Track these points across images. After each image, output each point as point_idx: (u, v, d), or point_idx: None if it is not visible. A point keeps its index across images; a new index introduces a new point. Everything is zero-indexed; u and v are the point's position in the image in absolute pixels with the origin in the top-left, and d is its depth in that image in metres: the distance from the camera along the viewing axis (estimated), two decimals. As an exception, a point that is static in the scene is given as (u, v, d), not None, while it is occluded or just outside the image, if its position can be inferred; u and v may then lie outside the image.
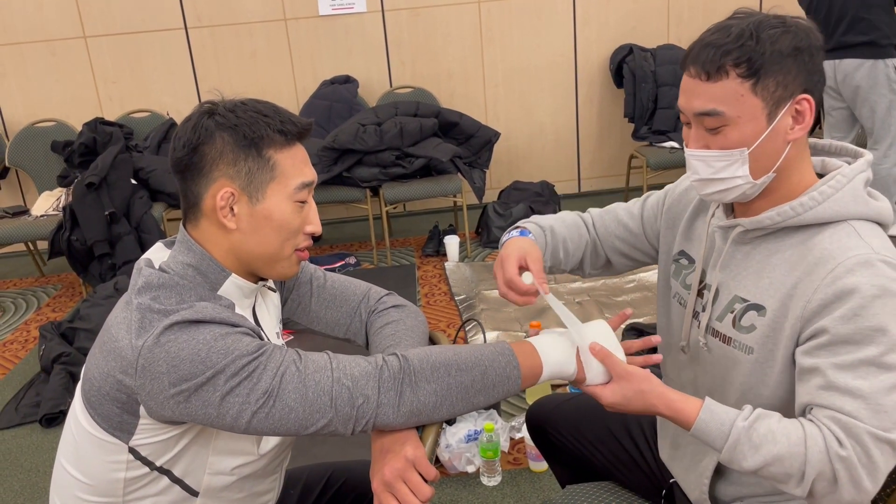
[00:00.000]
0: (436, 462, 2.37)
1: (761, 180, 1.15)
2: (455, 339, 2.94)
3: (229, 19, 4.73)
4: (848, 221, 1.13)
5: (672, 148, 4.47)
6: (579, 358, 1.18)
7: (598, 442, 1.54)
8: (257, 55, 4.80)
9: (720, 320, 1.23)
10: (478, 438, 2.37)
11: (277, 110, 1.13)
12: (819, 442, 1.02)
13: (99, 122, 4.33)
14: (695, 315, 1.30)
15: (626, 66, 4.71)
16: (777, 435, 1.05)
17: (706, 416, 1.09)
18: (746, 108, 1.10)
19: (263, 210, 1.11)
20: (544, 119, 5.08)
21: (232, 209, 1.10)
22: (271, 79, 4.84)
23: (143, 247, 3.85)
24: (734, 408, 1.11)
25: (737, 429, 1.07)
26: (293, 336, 3.19)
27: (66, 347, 3.23)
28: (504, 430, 2.45)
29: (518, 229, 1.43)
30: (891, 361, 1.03)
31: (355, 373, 1.06)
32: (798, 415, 1.10)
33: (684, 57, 1.16)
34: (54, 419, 2.91)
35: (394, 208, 4.65)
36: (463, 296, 3.73)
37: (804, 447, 1.03)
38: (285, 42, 4.79)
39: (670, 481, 1.42)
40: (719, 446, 1.08)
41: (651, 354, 1.25)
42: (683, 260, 1.36)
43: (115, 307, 1.13)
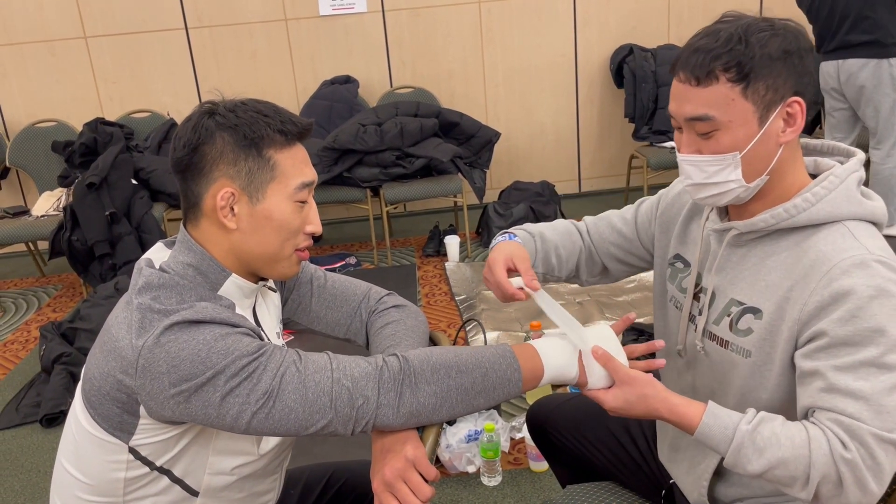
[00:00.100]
0: (436, 462, 2.37)
1: (754, 183, 1.15)
2: (455, 340, 2.94)
3: (230, 19, 4.74)
4: (842, 222, 1.12)
5: (672, 148, 4.47)
6: (581, 361, 1.18)
7: (599, 442, 1.54)
8: (258, 55, 4.80)
9: (717, 324, 1.23)
10: (478, 438, 2.37)
11: (278, 110, 1.13)
12: (823, 444, 1.02)
13: (99, 123, 4.33)
14: (691, 319, 1.30)
15: (627, 67, 4.71)
16: (781, 438, 1.04)
17: (709, 421, 1.09)
18: (737, 113, 1.10)
19: (264, 210, 1.11)
20: (545, 119, 5.08)
21: (232, 209, 1.10)
22: (272, 79, 4.84)
23: (144, 247, 3.85)
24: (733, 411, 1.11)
25: (740, 432, 1.06)
26: (293, 336, 3.19)
27: (67, 347, 3.23)
28: (504, 431, 2.45)
29: (505, 234, 1.44)
30: (890, 362, 1.02)
31: (355, 373, 1.06)
32: (800, 418, 1.09)
33: (674, 62, 1.15)
34: (55, 419, 2.91)
35: (394, 208, 4.65)
36: (463, 296, 3.73)
37: (808, 450, 1.03)
38: (286, 42, 4.79)
39: (670, 482, 1.42)
40: (723, 450, 1.08)
41: (654, 359, 1.25)
42: (679, 263, 1.36)
43: (116, 307, 1.13)
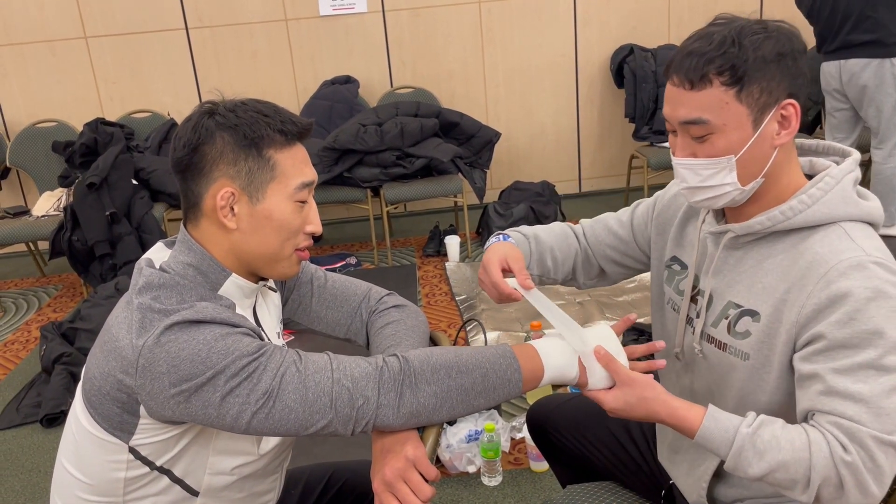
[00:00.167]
0: (436, 462, 2.37)
1: (750, 186, 1.14)
2: (456, 340, 2.94)
3: (230, 20, 4.74)
4: (838, 223, 1.12)
5: (673, 148, 4.47)
6: (581, 362, 1.18)
7: (599, 442, 1.54)
8: (258, 55, 4.80)
9: (715, 326, 1.22)
10: (479, 438, 2.37)
11: (278, 110, 1.13)
12: (823, 448, 1.02)
13: (100, 123, 4.33)
14: (688, 321, 1.29)
15: (627, 67, 4.71)
16: (781, 441, 1.04)
17: (710, 424, 1.09)
18: (732, 116, 1.10)
19: (264, 210, 1.11)
20: (545, 119, 5.08)
21: (232, 209, 1.10)
22: (272, 79, 4.84)
23: (144, 247, 3.85)
24: (733, 414, 1.11)
25: (741, 436, 1.06)
26: (294, 336, 3.19)
27: (67, 347, 3.23)
28: (505, 431, 2.45)
29: (499, 235, 1.44)
30: (889, 363, 1.02)
31: (355, 374, 1.06)
32: (800, 421, 1.09)
33: (667, 65, 1.15)
34: (55, 419, 2.91)
35: (394, 208, 4.65)
36: (464, 296, 3.73)
37: (808, 453, 1.02)
38: (286, 42, 4.79)
39: (669, 483, 1.42)
40: (724, 454, 1.08)
41: (654, 360, 1.25)
42: (676, 266, 1.35)
43: (116, 307, 1.13)
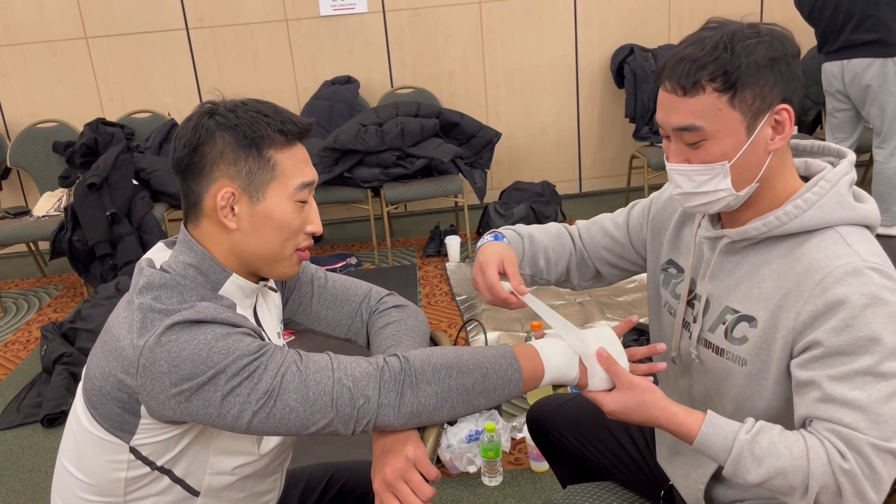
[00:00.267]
0: (437, 462, 2.37)
1: (744, 192, 1.14)
2: (456, 340, 2.94)
3: (230, 20, 4.74)
4: (834, 228, 1.11)
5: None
6: (582, 362, 1.18)
7: (599, 442, 1.54)
8: (258, 56, 4.81)
9: (712, 331, 1.22)
10: (479, 438, 2.37)
11: (278, 110, 1.13)
12: (821, 455, 1.02)
13: (100, 123, 4.33)
14: (685, 325, 1.29)
15: (628, 67, 4.71)
16: (779, 448, 1.04)
17: (708, 430, 1.09)
18: (725, 122, 1.09)
19: (264, 210, 1.11)
20: (545, 119, 5.08)
21: (232, 209, 1.11)
22: (272, 79, 4.84)
23: (145, 247, 3.85)
24: (731, 419, 1.11)
25: (739, 442, 1.06)
26: (294, 336, 3.19)
27: (68, 348, 3.23)
28: (505, 431, 2.45)
29: (492, 234, 1.43)
30: (886, 370, 1.02)
31: (356, 373, 1.06)
32: (798, 427, 1.09)
33: (659, 71, 1.14)
34: (56, 419, 2.91)
35: (395, 208, 4.65)
36: (464, 296, 3.73)
37: (807, 460, 1.02)
38: (286, 42, 4.79)
39: (669, 484, 1.42)
40: (722, 460, 1.08)
41: (655, 363, 1.25)
42: (672, 269, 1.35)
43: (117, 307, 1.13)
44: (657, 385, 1.18)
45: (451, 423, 2.42)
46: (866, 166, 4.78)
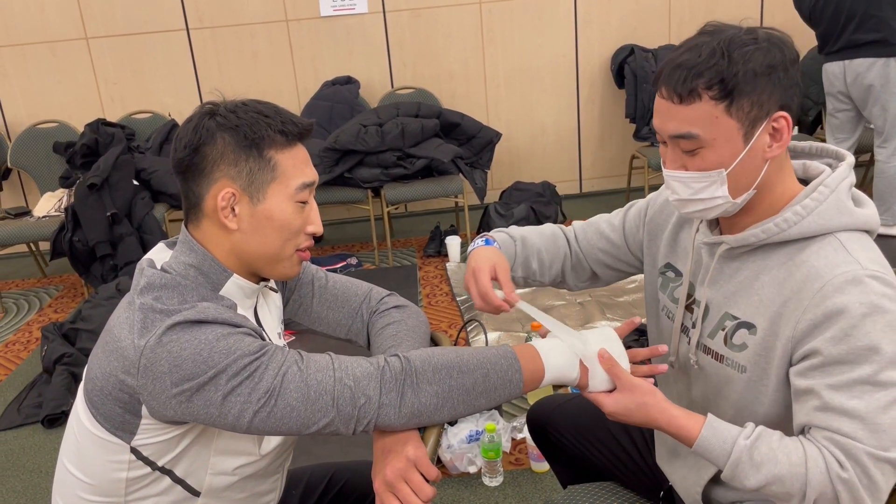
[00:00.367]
0: (437, 462, 2.37)
1: (741, 199, 1.13)
2: (457, 340, 2.94)
3: (231, 20, 4.74)
4: (834, 234, 1.10)
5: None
6: (583, 363, 1.18)
7: (599, 442, 1.54)
8: (259, 56, 4.81)
9: (712, 337, 1.21)
10: (479, 439, 2.37)
11: (278, 111, 1.13)
12: (819, 463, 1.02)
13: (101, 123, 4.33)
14: (683, 330, 1.28)
15: (628, 67, 4.72)
16: (778, 455, 1.04)
17: (708, 434, 1.09)
18: (722, 130, 1.08)
19: (264, 210, 1.11)
20: (545, 119, 5.08)
21: (233, 209, 1.11)
22: (273, 80, 4.84)
23: (145, 248, 3.85)
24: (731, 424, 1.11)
25: (738, 447, 1.07)
26: (295, 337, 3.20)
27: (68, 348, 3.23)
28: (506, 431, 2.45)
29: (483, 238, 1.42)
30: (885, 379, 1.01)
31: (357, 373, 1.06)
32: (797, 434, 1.09)
33: (656, 76, 1.13)
34: (56, 420, 2.92)
35: (395, 209, 4.65)
36: (464, 296, 3.73)
37: (805, 468, 1.03)
38: (287, 43, 4.80)
39: (668, 485, 1.42)
40: (721, 464, 1.08)
41: (656, 365, 1.24)
42: (670, 273, 1.34)
43: (118, 307, 1.13)
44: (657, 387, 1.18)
45: (452, 424, 2.42)
46: (867, 166, 4.78)
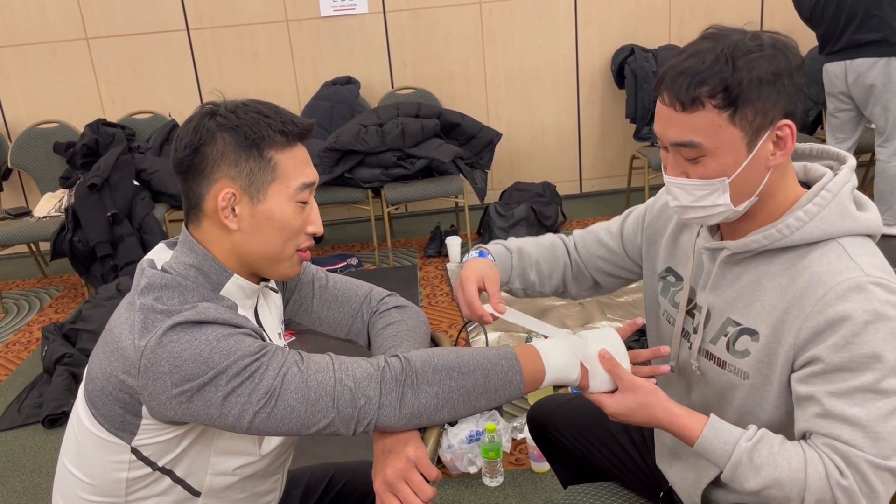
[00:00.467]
0: (438, 462, 2.37)
1: (743, 206, 1.12)
2: (457, 340, 2.94)
3: (231, 20, 4.74)
4: (836, 240, 1.09)
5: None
6: (583, 364, 1.18)
7: (599, 443, 1.54)
8: (259, 56, 4.81)
9: (714, 343, 1.21)
10: (480, 439, 2.37)
11: (279, 111, 1.13)
12: (819, 469, 1.02)
13: (101, 124, 4.33)
14: (684, 335, 1.28)
15: (628, 67, 4.71)
16: (778, 459, 1.04)
17: (709, 434, 1.09)
18: (725, 139, 1.06)
19: (265, 210, 1.11)
20: (546, 120, 5.08)
21: (233, 210, 1.11)
22: (273, 80, 4.84)
23: (146, 248, 3.85)
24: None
25: (739, 449, 1.07)
26: (295, 337, 3.20)
27: (69, 348, 3.23)
28: (506, 431, 2.45)
29: (478, 250, 1.43)
30: (887, 387, 1.01)
31: (357, 374, 1.06)
32: (798, 439, 1.09)
33: (658, 81, 1.11)
34: (57, 420, 2.92)
35: (395, 209, 4.65)
36: (465, 296, 3.73)
37: (804, 473, 1.02)
38: (287, 43, 4.80)
39: (667, 486, 1.42)
40: (722, 465, 1.08)
41: (657, 365, 1.24)
42: (671, 277, 1.33)
43: (118, 308, 1.13)
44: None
45: (452, 424, 2.42)
46: (867, 166, 4.78)
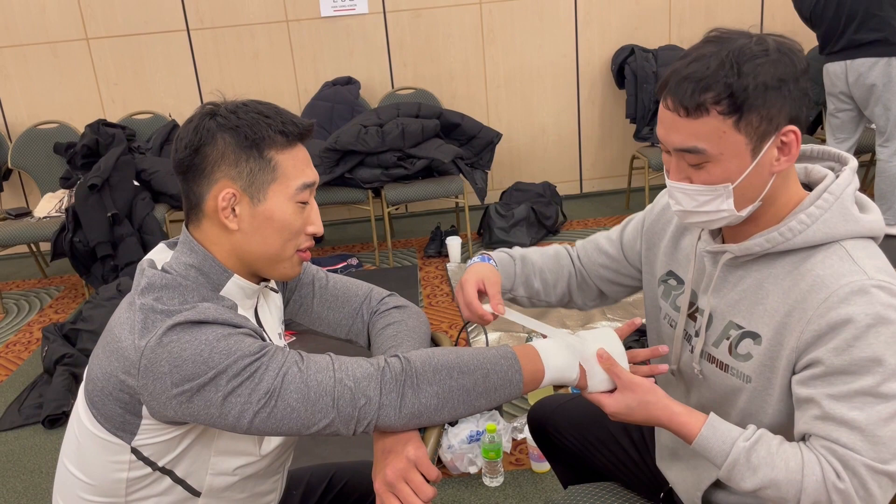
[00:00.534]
0: (438, 463, 2.37)
1: (746, 211, 1.11)
2: (457, 341, 2.94)
3: (231, 21, 4.74)
4: (839, 242, 1.09)
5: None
6: (581, 363, 1.18)
7: (599, 443, 1.54)
8: (259, 56, 4.81)
9: (716, 346, 1.20)
10: (480, 439, 2.37)
11: (279, 111, 1.13)
12: (816, 471, 1.02)
13: (101, 124, 4.33)
14: (686, 339, 1.28)
15: (628, 67, 4.71)
16: (775, 459, 1.04)
17: (708, 433, 1.09)
18: (729, 145, 1.05)
19: (265, 211, 1.11)
20: (546, 120, 5.08)
21: (234, 210, 1.11)
22: (273, 80, 4.85)
23: (146, 248, 3.86)
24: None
25: (737, 449, 1.07)
26: (295, 337, 3.20)
27: (69, 349, 3.23)
28: (506, 431, 2.45)
29: (481, 255, 1.44)
30: (887, 391, 1.01)
31: (357, 374, 1.07)
32: (798, 441, 1.09)
33: (661, 85, 1.10)
34: (57, 420, 2.92)
35: (396, 209, 4.65)
36: (465, 297, 3.73)
37: (801, 475, 1.02)
38: (287, 43, 4.80)
39: (668, 487, 1.42)
40: (719, 463, 1.09)
41: (656, 365, 1.24)
42: (672, 280, 1.33)
43: (118, 308, 1.13)
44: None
45: (452, 424, 2.42)
46: (867, 166, 4.78)
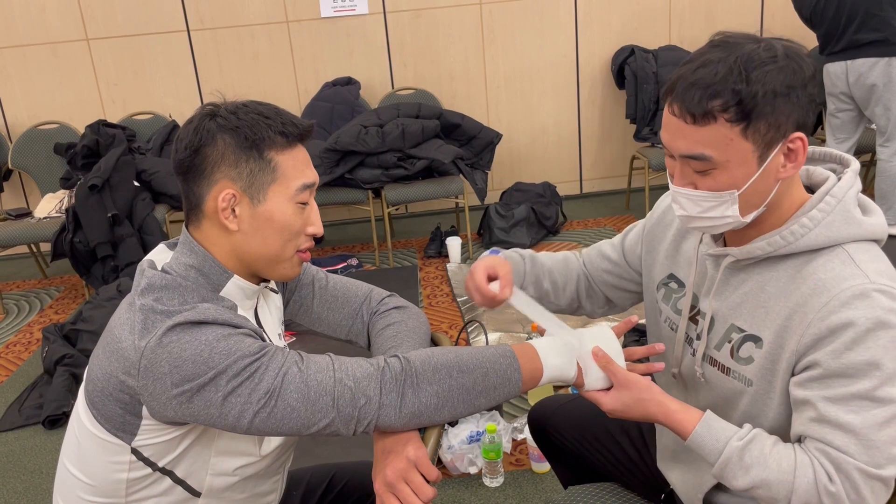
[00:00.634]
0: (438, 463, 2.37)
1: (750, 217, 1.11)
2: (457, 341, 2.94)
3: (231, 21, 4.74)
4: (842, 245, 1.08)
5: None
6: (577, 361, 1.18)
7: (599, 443, 1.54)
8: (259, 57, 4.81)
9: (718, 349, 1.20)
10: (480, 440, 2.37)
11: (279, 112, 1.13)
12: (808, 473, 1.02)
13: (101, 125, 4.33)
14: (688, 342, 1.27)
15: (628, 68, 4.71)
16: (768, 459, 1.05)
17: (702, 431, 1.09)
18: (736, 153, 1.04)
19: (265, 211, 1.11)
20: (546, 120, 5.08)
21: (233, 210, 1.11)
22: (273, 81, 4.85)
23: (146, 249, 3.86)
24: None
25: (730, 448, 1.07)
26: (295, 337, 3.20)
27: (69, 349, 3.23)
28: (506, 432, 2.45)
29: (491, 250, 1.45)
30: (884, 395, 1.00)
31: (357, 374, 1.07)
32: (793, 443, 1.09)
33: (666, 89, 1.09)
34: (57, 421, 2.92)
35: (396, 210, 4.65)
36: (465, 297, 3.73)
37: (793, 476, 1.03)
38: (287, 44, 4.80)
39: (668, 488, 1.42)
40: (712, 461, 1.09)
41: (653, 362, 1.24)
42: (673, 283, 1.33)
43: (118, 308, 1.13)
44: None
45: (452, 424, 2.42)
46: (867, 166, 4.78)
